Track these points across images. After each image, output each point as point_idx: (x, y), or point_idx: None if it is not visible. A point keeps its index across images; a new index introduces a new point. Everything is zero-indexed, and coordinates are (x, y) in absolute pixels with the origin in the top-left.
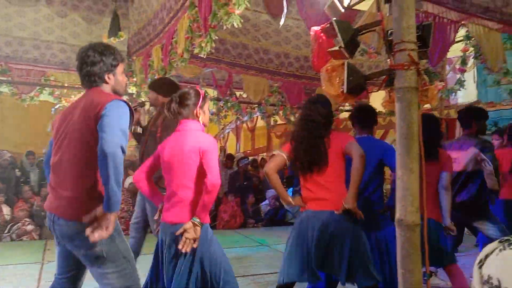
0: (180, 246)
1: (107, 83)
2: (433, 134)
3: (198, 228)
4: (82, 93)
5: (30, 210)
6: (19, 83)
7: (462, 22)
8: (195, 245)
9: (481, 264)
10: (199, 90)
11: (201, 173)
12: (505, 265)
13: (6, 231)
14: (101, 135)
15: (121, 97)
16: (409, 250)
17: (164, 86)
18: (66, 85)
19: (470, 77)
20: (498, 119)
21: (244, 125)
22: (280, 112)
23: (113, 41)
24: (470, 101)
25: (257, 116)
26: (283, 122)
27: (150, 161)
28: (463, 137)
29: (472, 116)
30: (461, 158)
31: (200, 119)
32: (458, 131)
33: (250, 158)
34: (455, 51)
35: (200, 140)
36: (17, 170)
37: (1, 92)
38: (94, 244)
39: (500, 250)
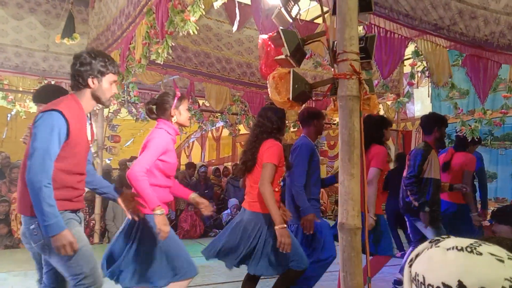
0: None
1: (89, 87)
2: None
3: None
4: None
5: None
6: None
7: (413, 38)
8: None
9: (411, 263)
10: (176, 92)
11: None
12: (429, 262)
13: None
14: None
15: (72, 107)
16: (350, 253)
17: (50, 96)
18: (20, 89)
19: (425, 91)
20: (451, 131)
21: (210, 134)
22: (243, 121)
23: (66, 42)
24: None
25: (222, 126)
26: (247, 132)
27: None
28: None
29: (433, 122)
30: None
31: (173, 119)
32: (414, 142)
33: (213, 167)
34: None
35: (150, 137)
36: None
37: None
38: (37, 237)
39: (428, 249)
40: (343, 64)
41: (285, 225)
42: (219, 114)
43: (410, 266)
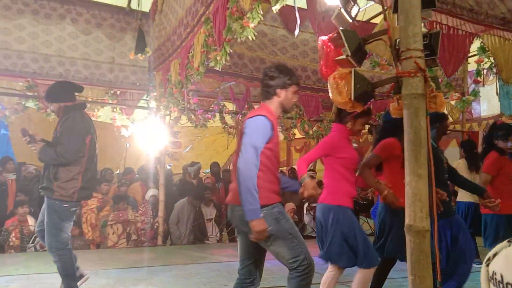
0: None
1: (278, 97)
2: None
3: None
4: (105, 107)
5: None
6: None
7: (479, 33)
8: None
9: (488, 262)
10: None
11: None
12: (507, 261)
13: (30, 242)
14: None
15: (271, 113)
16: (419, 256)
17: (59, 92)
18: (89, 99)
19: (493, 89)
20: None
21: None
22: (298, 125)
23: (140, 57)
24: (493, 114)
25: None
26: (302, 136)
27: None
28: None
29: None
30: None
31: (348, 125)
32: (482, 144)
33: None
34: (475, 65)
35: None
36: None
37: (27, 107)
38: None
39: (505, 248)
40: (407, 61)
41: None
42: None
43: (487, 265)
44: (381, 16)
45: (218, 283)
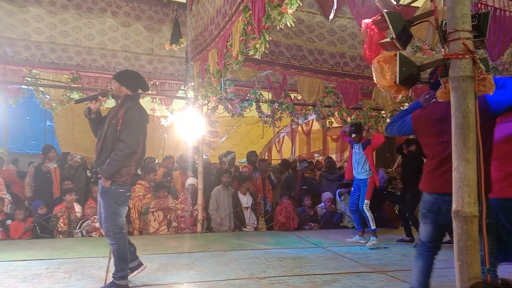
0: None
1: None
2: None
3: None
4: (145, 98)
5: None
6: (88, 89)
7: None
8: None
9: None
10: None
11: None
12: None
13: (77, 228)
14: None
15: None
16: (467, 242)
17: (128, 78)
18: None
19: None
20: None
21: (300, 128)
22: (336, 113)
23: (175, 48)
24: None
25: (312, 120)
26: (339, 125)
27: None
28: None
29: None
30: None
31: None
32: None
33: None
34: None
35: None
36: (88, 171)
37: (72, 98)
38: None
39: None
40: (455, 43)
41: None
42: (312, 107)
43: None
44: (421, 1)
45: (257, 270)
